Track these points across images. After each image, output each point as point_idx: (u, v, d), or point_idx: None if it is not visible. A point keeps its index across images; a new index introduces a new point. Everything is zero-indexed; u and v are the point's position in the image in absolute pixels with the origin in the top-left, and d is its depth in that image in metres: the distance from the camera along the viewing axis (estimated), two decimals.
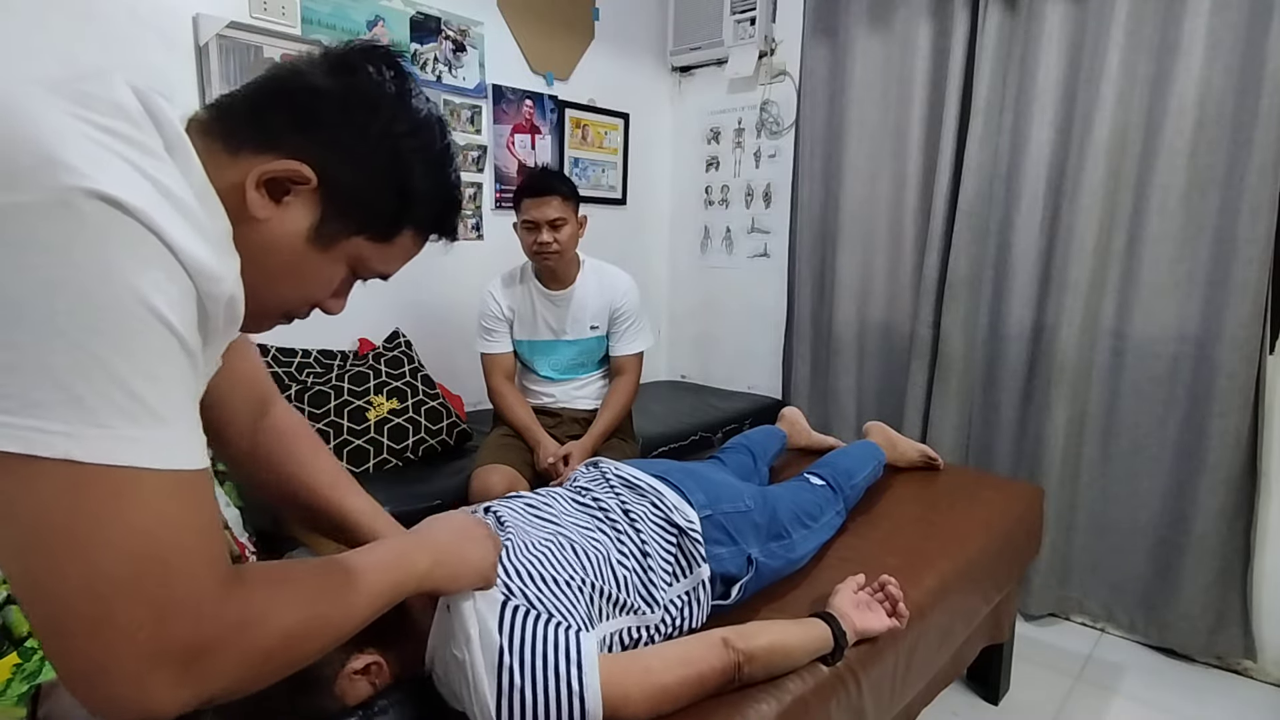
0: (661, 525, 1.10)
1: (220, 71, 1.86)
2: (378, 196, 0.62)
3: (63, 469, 0.42)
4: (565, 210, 1.85)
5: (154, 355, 0.46)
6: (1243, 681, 1.90)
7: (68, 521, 0.43)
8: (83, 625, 0.44)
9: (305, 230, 0.59)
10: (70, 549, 0.43)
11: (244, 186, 0.56)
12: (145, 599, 0.45)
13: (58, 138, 0.45)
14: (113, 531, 0.44)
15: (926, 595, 1.25)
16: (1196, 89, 1.83)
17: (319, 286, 0.64)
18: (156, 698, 0.45)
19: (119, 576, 0.44)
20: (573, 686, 0.76)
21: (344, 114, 0.59)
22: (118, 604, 0.44)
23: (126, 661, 0.44)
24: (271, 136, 0.57)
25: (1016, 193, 2.15)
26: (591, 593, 0.94)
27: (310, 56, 0.62)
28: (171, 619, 0.46)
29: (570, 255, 1.94)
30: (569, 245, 1.89)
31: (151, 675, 0.45)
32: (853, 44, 2.48)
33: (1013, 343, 2.18)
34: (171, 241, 0.47)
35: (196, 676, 0.47)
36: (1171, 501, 1.96)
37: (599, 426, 1.93)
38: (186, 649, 0.46)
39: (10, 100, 0.47)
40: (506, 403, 1.98)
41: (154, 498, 0.46)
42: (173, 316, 0.47)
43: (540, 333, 2.01)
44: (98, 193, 0.44)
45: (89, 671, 0.44)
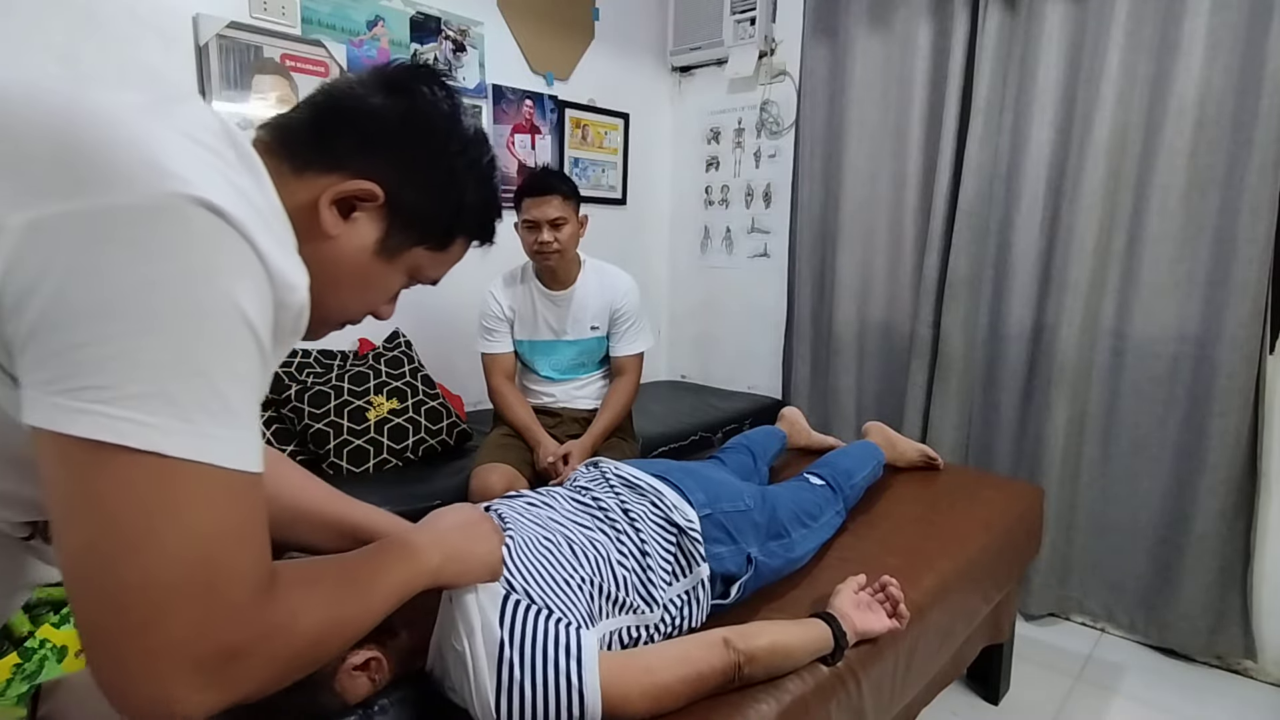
0: (661, 525, 1.10)
1: (220, 71, 1.86)
2: (437, 210, 0.66)
3: (150, 461, 0.44)
4: (566, 209, 1.85)
5: (240, 358, 0.48)
6: (1243, 681, 1.90)
7: (142, 516, 0.44)
8: (132, 625, 0.44)
9: (372, 244, 0.63)
10: (140, 545, 0.44)
11: (313, 205, 0.59)
12: (195, 602, 0.46)
13: (159, 145, 0.47)
14: (181, 529, 0.45)
15: (926, 595, 1.25)
16: (1196, 89, 1.83)
17: (381, 294, 0.68)
18: (183, 700, 0.46)
19: (177, 579, 0.45)
20: (572, 682, 0.77)
21: (405, 134, 0.63)
22: (169, 606, 0.45)
23: (164, 663, 0.45)
24: (337, 157, 0.60)
25: (1016, 193, 2.15)
26: (592, 590, 0.94)
27: (363, 78, 0.65)
28: (214, 624, 0.46)
29: (571, 255, 1.94)
30: (570, 245, 1.89)
31: (184, 678, 0.46)
32: (853, 44, 2.48)
33: (1013, 343, 2.18)
34: (261, 250, 0.49)
35: (226, 680, 0.48)
36: (1171, 501, 1.96)
37: (599, 426, 1.93)
38: (221, 653, 0.47)
39: (105, 108, 0.48)
40: (507, 402, 1.98)
41: (221, 498, 0.47)
42: (258, 322, 0.49)
43: (541, 333, 2.01)
44: (201, 200, 0.46)
45: (125, 674, 0.45)
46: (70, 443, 0.43)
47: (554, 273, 1.95)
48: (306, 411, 1.91)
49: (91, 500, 0.44)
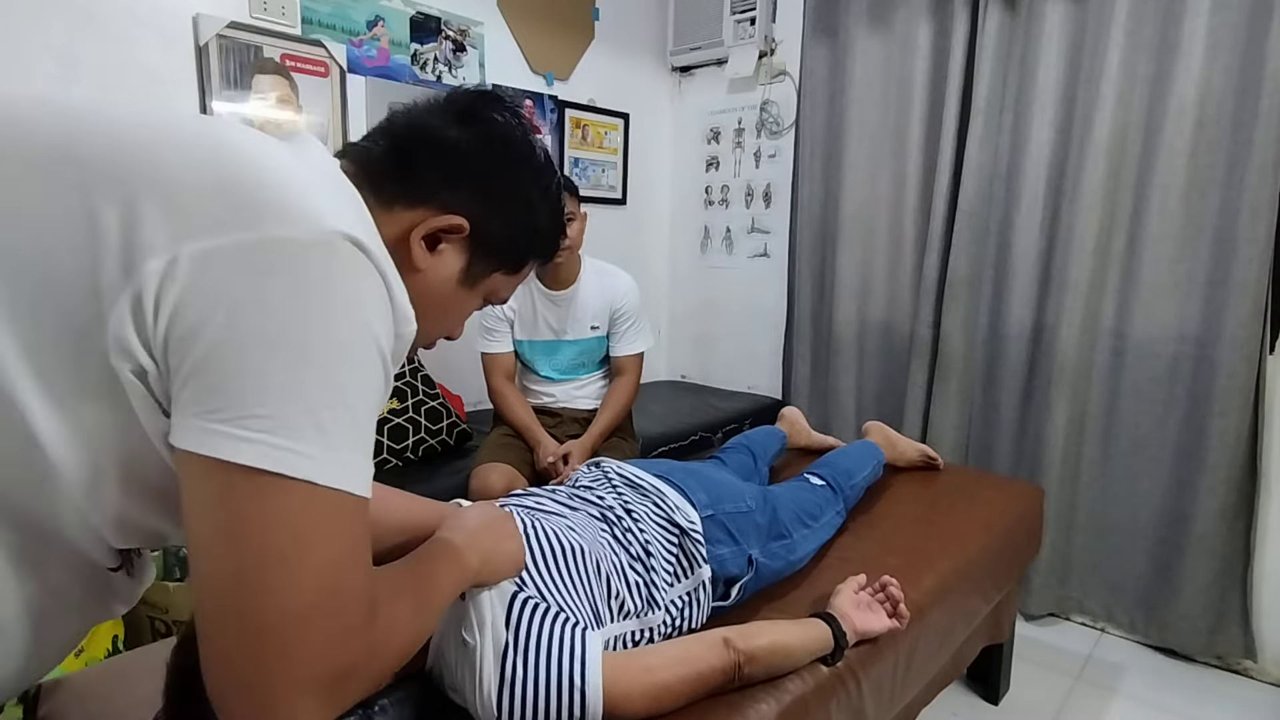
0: (663, 525, 1.10)
1: (220, 71, 1.86)
2: (515, 237, 0.69)
3: (302, 490, 0.46)
4: (572, 205, 1.86)
5: (375, 386, 0.51)
6: (1243, 681, 1.90)
7: (292, 543, 0.46)
8: (268, 650, 0.46)
9: (457, 274, 0.66)
10: (286, 571, 0.46)
11: (403, 239, 0.61)
12: (326, 628, 0.48)
13: (307, 183, 0.51)
14: (322, 556, 0.47)
15: (926, 595, 1.25)
16: (1196, 89, 1.83)
17: (461, 319, 0.72)
18: (308, 710, 0.47)
19: (313, 603, 0.47)
20: (574, 682, 0.77)
21: (487, 167, 0.65)
22: (304, 632, 0.46)
23: (293, 688, 0.47)
24: (423, 192, 0.62)
25: (1016, 193, 2.15)
26: (599, 591, 0.94)
27: (434, 106, 0.67)
28: (337, 647, 0.49)
29: (578, 248, 1.95)
30: (578, 240, 1.91)
31: (308, 701, 0.47)
32: (853, 44, 2.48)
33: (1013, 343, 2.18)
34: (390, 285, 0.52)
35: (339, 698, 0.50)
36: (1171, 501, 1.96)
37: (599, 426, 1.93)
38: (340, 675, 0.49)
39: (251, 146, 0.52)
40: (507, 402, 1.98)
41: (350, 522, 0.49)
42: (387, 353, 0.52)
43: (541, 333, 2.01)
44: (349, 236, 0.49)
45: (252, 694, 0.46)
46: (226, 468, 0.44)
47: (557, 271, 1.95)
48: None
49: (243, 525, 0.45)
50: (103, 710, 0.94)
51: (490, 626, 0.79)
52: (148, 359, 0.46)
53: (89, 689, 0.99)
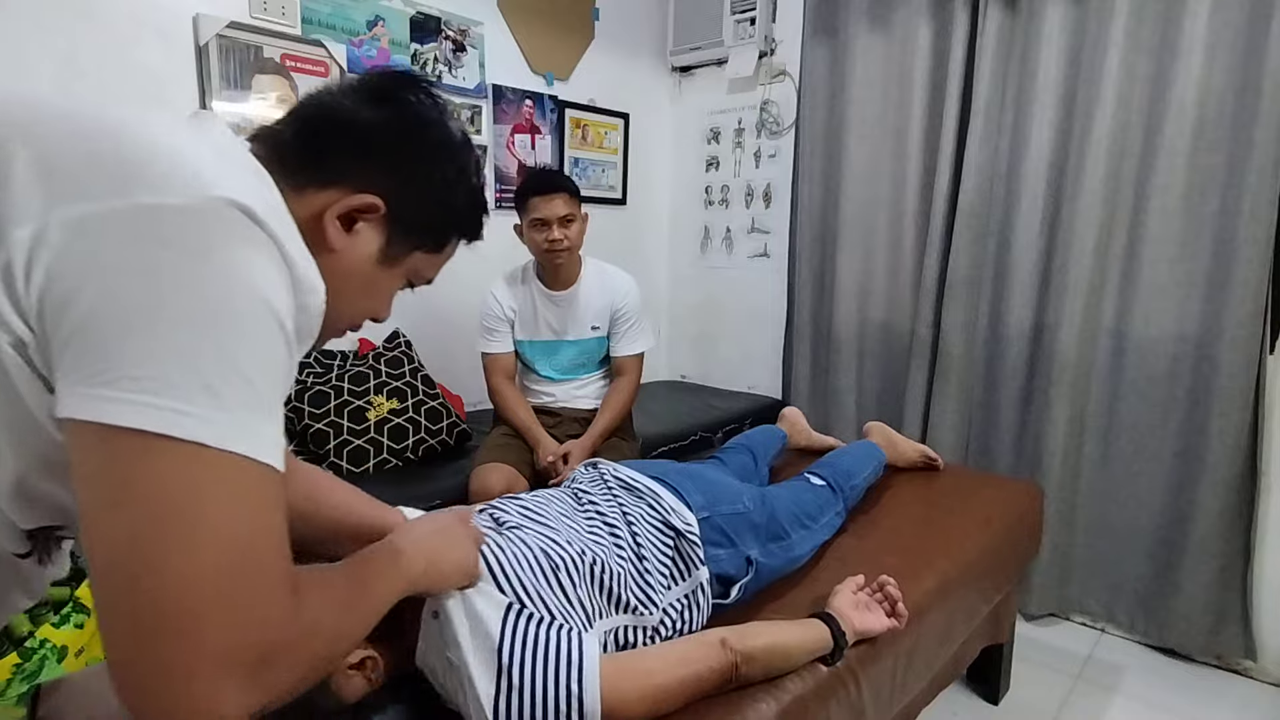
0: (659, 528, 1.10)
1: (220, 71, 1.87)
2: (433, 215, 0.69)
3: (189, 451, 0.44)
4: (572, 206, 1.87)
5: (272, 354, 0.49)
6: (1243, 681, 1.90)
7: (185, 507, 0.44)
8: (173, 623, 0.43)
9: (375, 253, 0.65)
10: (182, 537, 0.44)
11: (316, 220, 0.60)
12: (236, 602, 0.45)
13: (195, 153, 0.50)
14: (221, 522, 0.45)
15: (926, 595, 1.25)
16: (1196, 89, 1.83)
17: (384, 299, 0.71)
18: (228, 702, 0.45)
19: (218, 574, 0.44)
20: (572, 689, 0.77)
21: (399, 146, 0.65)
22: (211, 605, 0.44)
23: (206, 666, 0.44)
24: (335, 173, 0.62)
25: (1016, 193, 2.15)
26: (592, 588, 0.94)
27: (347, 88, 0.66)
28: (255, 621, 0.46)
29: (577, 250, 1.94)
30: (578, 241, 1.91)
31: (227, 678, 0.44)
32: (853, 44, 2.47)
33: (1013, 343, 2.18)
34: (287, 254, 0.51)
35: (265, 682, 0.47)
36: (1171, 501, 1.96)
37: (598, 426, 1.93)
38: (262, 653, 0.46)
39: (138, 119, 0.51)
40: (507, 402, 1.98)
41: (256, 491, 0.47)
42: (287, 322, 0.50)
43: (541, 333, 2.01)
44: (236, 203, 0.48)
45: (161, 673, 0.43)
46: (112, 433, 0.43)
47: (558, 272, 1.95)
48: (306, 411, 1.91)
49: (132, 490, 0.43)
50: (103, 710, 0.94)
51: (471, 637, 0.78)
52: (23, 327, 0.45)
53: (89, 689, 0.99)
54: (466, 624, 0.79)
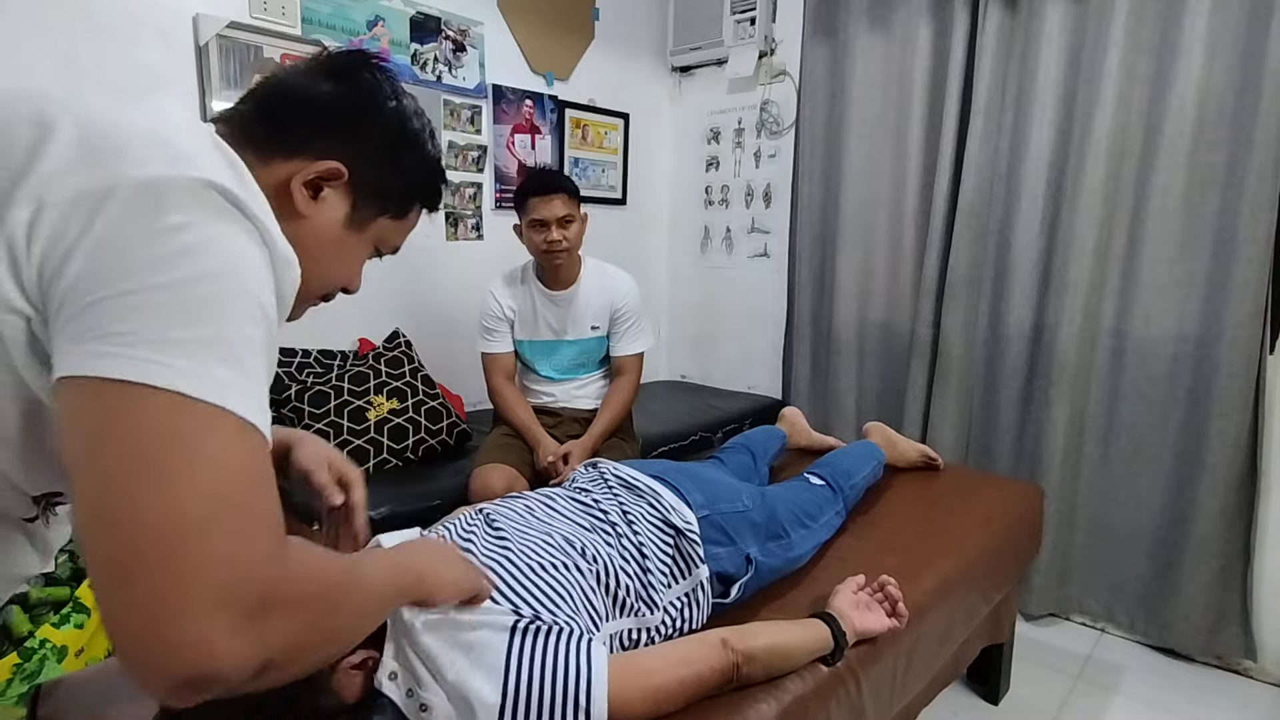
0: (659, 526, 1.10)
1: (220, 71, 1.86)
2: (394, 180, 0.72)
3: (168, 399, 0.45)
4: (571, 207, 1.86)
5: (250, 321, 0.51)
6: (1243, 681, 1.90)
7: (163, 449, 0.45)
8: (156, 557, 0.43)
9: (342, 218, 0.69)
10: (160, 476, 0.44)
11: (284, 189, 0.64)
12: (221, 537, 0.45)
13: (169, 133, 0.53)
14: (201, 465, 0.46)
15: (926, 595, 1.25)
16: (1196, 89, 1.83)
17: (355, 266, 0.74)
18: (220, 647, 0.43)
19: (200, 511, 0.45)
20: (580, 703, 0.77)
21: (357, 115, 0.69)
22: (195, 539, 0.44)
23: (195, 602, 0.43)
24: (298, 143, 0.65)
25: (1016, 193, 2.15)
26: (598, 592, 0.94)
27: (303, 67, 0.70)
28: (243, 563, 0.46)
29: (576, 250, 1.94)
30: (577, 242, 1.91)
31: (216, 620, 0.44)
32: (853, 44, 2.48)
33: (1013, 343, 2.18)
34: (262, 228, 0.54)
35: (259, 631, 0.46)
36: (1171, 501, 1.96)
37: (599, 426, 1.93)
38: (255, 597, 0.46)
39: (110, 107, 0.54)
40: (507, 402, 1.98)
41: (238, 443, 0.48)
42: (264, 295, 0.52)
43: (541, 333, 2.01)
44: (214, 184, 0.51)
45: (152, 613, 0.43)
46: (94, 384, 0.45)
47: (557, 272, 1.95)
48: (307, 411, 1.91)
49: (111, 435, 0.45)
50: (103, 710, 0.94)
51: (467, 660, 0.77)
52: (25, 304, 0.48)
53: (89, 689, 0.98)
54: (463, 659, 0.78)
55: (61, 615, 1.41)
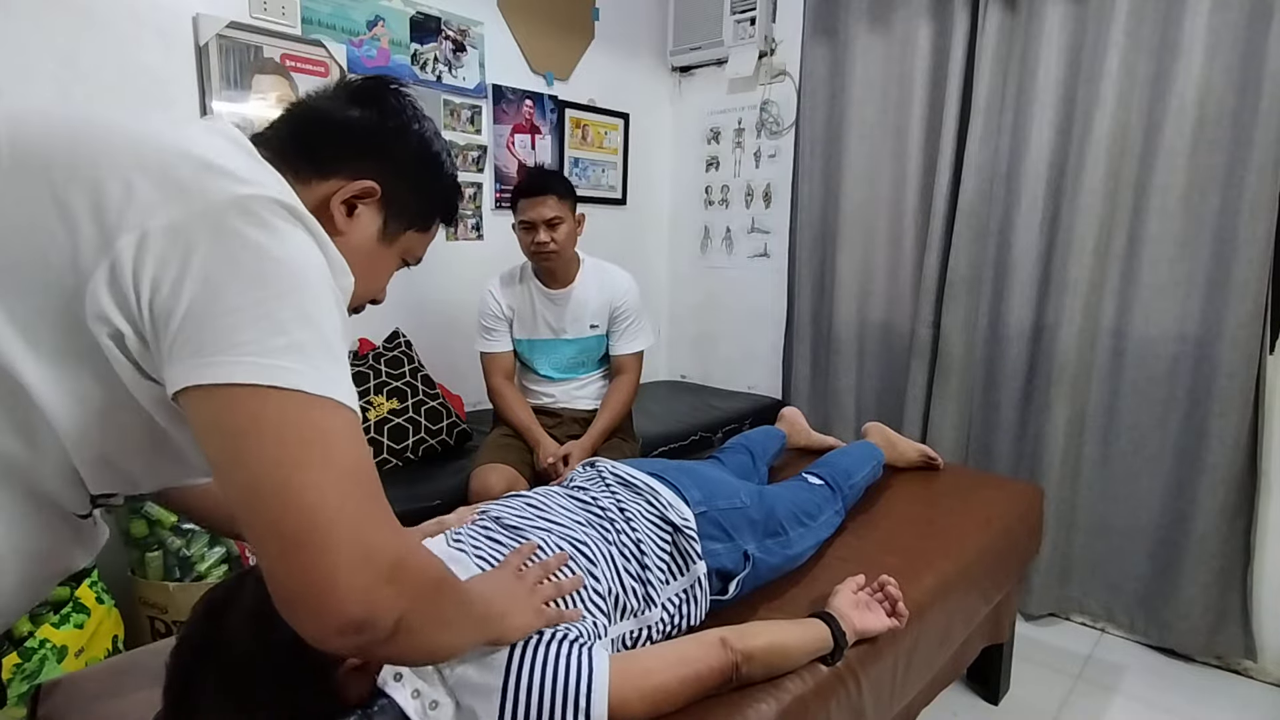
0: (656, 523, 1.10)
1: (220, 71, 1.87)
2: (421, 196, 0.79)
3: (298, 398, 0.52)
4: (562, 209, 1.85)
5: (338, 318, 0.58)
6: (1243, 681, 1.90)
7: (302, 441, 0.52)
8: (312, 532, 0.51)
9: (375, 233, 0.75)
10: (305, 464, 0.52)
11: (323, 208, 0.70)
12: (358, 513, 0.53)
13: (233, 159, 0.59)
14: (334, 453, 0.53)
15: (926, 595, 1.25)
16: (1196, 89, 1.83)
17: (385, 277, 0.80)
18: (367, 596, 0.52)
19: (338, 492, 0.52)
20: (580, 704, 0.77)
21: (384, 138, 0.75)
22: (338, 515, 0.52)
23: (345, 564, 0.51)
24: (332, 165, 0.71)
25: (1016, 193, 2.15)
26: (596, 594, 0.94)
27: (330, 93, 0.76)
28: (377, 535, 0.54)
29: (569, 254, 1.93)
30: (566, 245, 1.89)
31: (361, 576, 0.52)
32: (853, 44, 2.48)
33: (1013, 343, 2.18)
34: (320, 241, 0.60)
35: (395, 590, 0.54)
36: (1171, 501, 1.96)
37: (599, 426, 1.93)
38: (388, 564, 0.54)
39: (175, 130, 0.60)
40: (506, 402, 1.98)
41: (353, 430, 0.56)
42: (336, 294, 0.59)
43: (540, 331, 2.01)
44: (279, 200, 0.57)
45: (313, 575, 0.51)
46: (224, 392, 0.51)
47: (553, 272, 1.95)
48: None
49: (255, 433, 0.51)
50: (103, 710, 0.94)
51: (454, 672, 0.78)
52: (124, 323, 0.53)
53: (89, 689, 0.99)
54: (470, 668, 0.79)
55: (61, 615, 1.41)
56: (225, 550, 1.71)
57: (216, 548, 1.70)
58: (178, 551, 1.65)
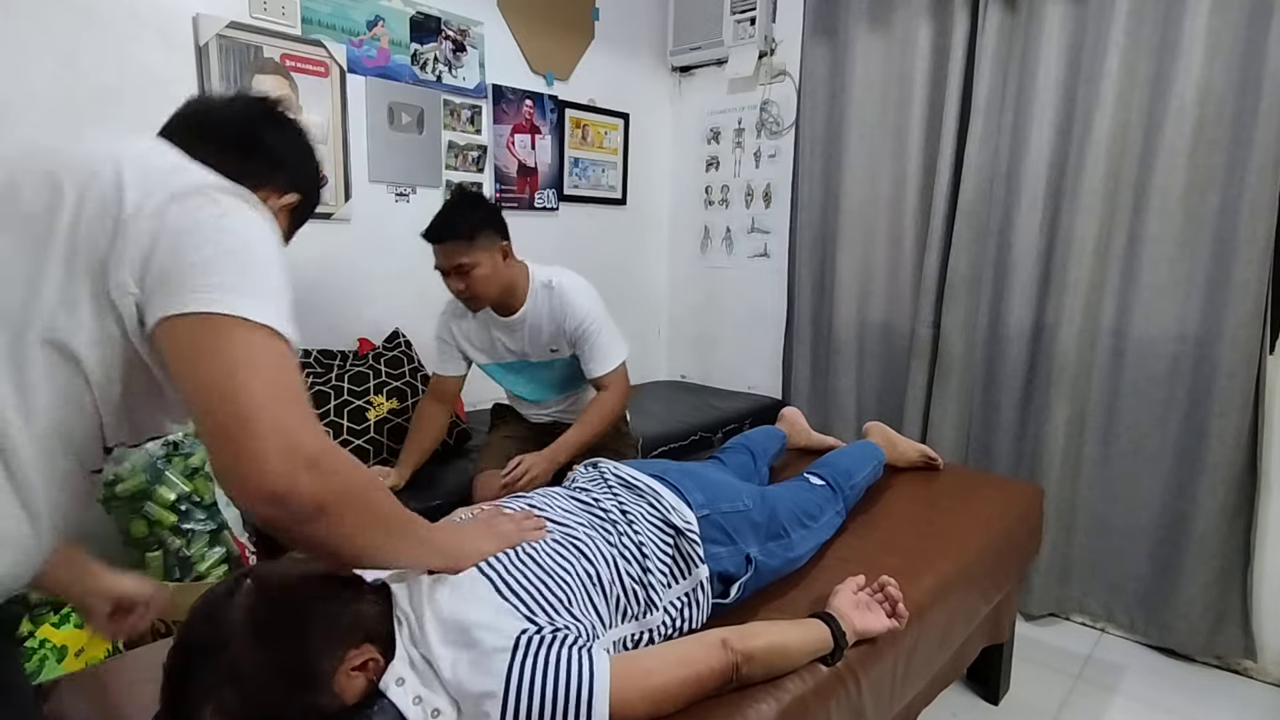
0: (659, 526, 1.10)
1: (220, 71, 1.87)
2: (312, 194, 0.98)
3: (241, 323, 0.67)
4: (470, 252, 1.65)
5: (281, 270, 0.73)
6: (1243, 681, 1.90)
7: (246, 354, 0.66)
8: (246, 423, 0.63)
9: (286, 229, 0.94)
10: (244, 371, 0.65)
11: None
12: (283, 412, 0.66)
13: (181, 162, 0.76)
14: (266, 366, 0.67)
15: (926, 595, 1.25)
16: (1196, 89, 1.83)
17: None
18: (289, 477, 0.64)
19: (267, 393, 0.65)
20: (580, 707, 0.77)
21: (296, 154, 0.95)
22: (269, 415, 0.64)
23: (273, 450, 0.63)
24: (262, 178, 0.88)
25: (1016, 193, 2.15)
26: (597, 596, 0.94)
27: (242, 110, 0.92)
28: (300, 430, 0.66)
29: (493, 291, 1.73)
30: (485, 287, 1.70)
31: (286, 462, 0.64)
32: (853, 44, 2.48)
33: (1013, 343, 2.18)
34: (266, 216, 0.76)
35: (316, 477, 0.65)
36: (1171, 501, 1.96)
37: (569, 439, 1.75)
38: (311, 454, 0.66)
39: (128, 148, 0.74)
40: (415, 421, 1.91)
41: (283, 352, 0.69)
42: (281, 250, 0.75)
43: (501, 355, 1.88)
44: (228, 185, 0.75)
45: (246, 457, 0.63)
46: (195, 317, 0.66)
47: (491, 307, 1.79)
48: None
49: (211, 349, 0.66)
50: (103, 710, 0.94)
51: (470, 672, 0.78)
52: (136, 288, 0.68)
53: (89, 689, 0.99)
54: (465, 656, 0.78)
55: (61, 615, 1.41)
56: (225, 550, 1.71)
57: (216, 548, 1.70)
58: (178, 551, 1.65)
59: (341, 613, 0.78)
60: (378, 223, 2.26)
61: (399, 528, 0.80)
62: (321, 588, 0.79)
